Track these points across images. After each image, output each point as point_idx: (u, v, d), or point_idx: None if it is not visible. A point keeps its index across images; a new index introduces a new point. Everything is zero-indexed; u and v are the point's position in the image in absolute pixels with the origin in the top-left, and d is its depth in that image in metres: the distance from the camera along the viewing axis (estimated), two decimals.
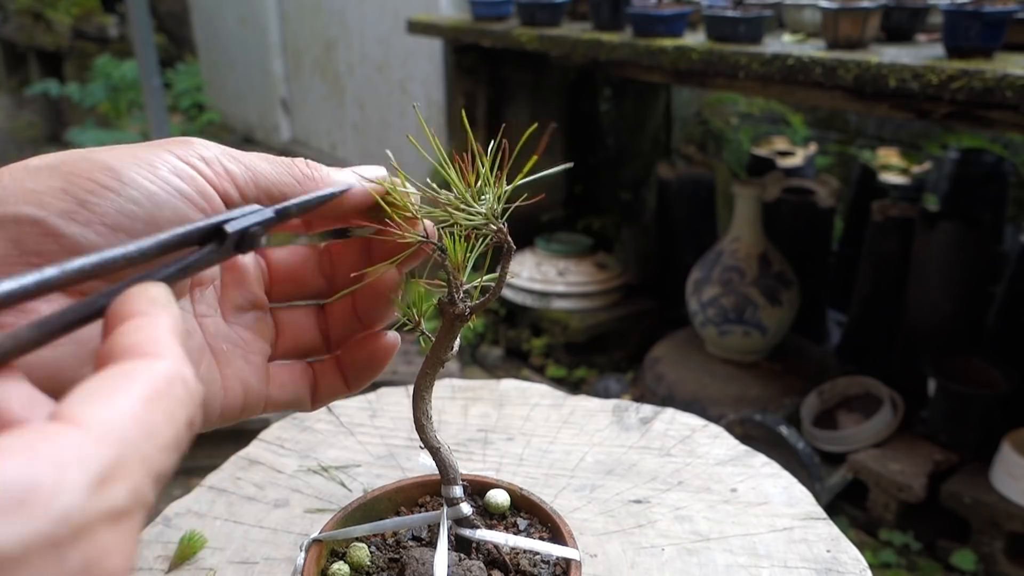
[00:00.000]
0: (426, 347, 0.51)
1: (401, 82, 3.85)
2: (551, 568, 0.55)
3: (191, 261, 0.38)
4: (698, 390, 2.39)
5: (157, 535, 0.72)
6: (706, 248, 2.55)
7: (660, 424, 0.85)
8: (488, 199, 0.45)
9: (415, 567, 0.52)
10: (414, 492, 0.62)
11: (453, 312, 0.49)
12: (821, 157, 3.16)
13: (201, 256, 0.38)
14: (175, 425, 0.27)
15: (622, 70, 2.50)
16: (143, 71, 2.64)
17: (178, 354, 0.29)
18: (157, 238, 0.36)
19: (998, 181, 2.48)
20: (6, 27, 6.53)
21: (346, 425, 0.87)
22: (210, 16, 5.47)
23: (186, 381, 0.28)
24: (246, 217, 0.40)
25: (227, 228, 0.39)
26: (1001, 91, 1.47)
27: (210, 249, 0.39)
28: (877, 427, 2.09)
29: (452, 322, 0.50)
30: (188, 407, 0.28)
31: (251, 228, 0.40)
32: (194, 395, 0.29)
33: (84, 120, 4.85)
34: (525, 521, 0.59)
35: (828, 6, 1.84)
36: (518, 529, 0.58)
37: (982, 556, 1.88)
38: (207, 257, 0.39)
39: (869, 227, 2.40)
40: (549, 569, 0.55)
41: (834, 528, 0.69)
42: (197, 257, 0.38)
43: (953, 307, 2.16)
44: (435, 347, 0.51)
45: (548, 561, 0.56)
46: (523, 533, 0.58)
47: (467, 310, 0.49)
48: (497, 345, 2.97)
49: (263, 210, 0.41)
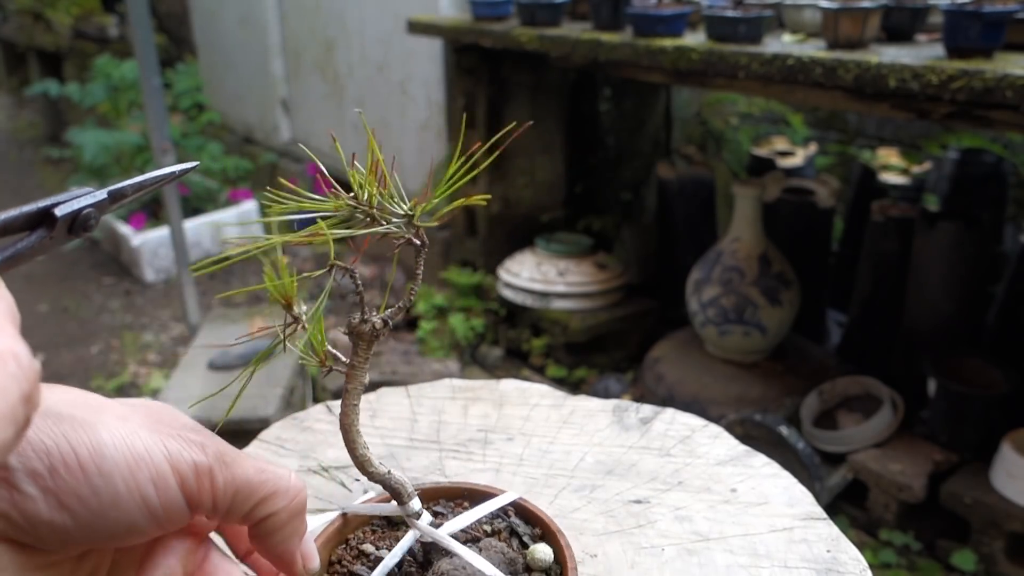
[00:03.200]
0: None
1: (401, 82, 3.85)
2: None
3: (21, 248, 0.37)
4: (698, 390, 2.39)
5: None
6: (706, 248, 2.55)
7: (660, 424, 0.85)
8: (408, 205, 0.45)
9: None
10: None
11: (368, 329, 0.47)
12: (821, 157, 3.16)
13: (31, 242, 0.37)
14: (7, 398, 0.28)
15: (622, 70, 2.50)
16: (143, 71, 2.64)
17: (10, 333, 0.30)
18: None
19: (998, 181, 2.48)
20: (6, 27, 6.53)
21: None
22: (210, 16, 5.47)
23: (18, 356, 0.29)
24: (77, 200, 0.38)
25: (56, 212, 0.37)
26: (1001, 91, 1.47)
27: (40, 234, 0.37)
28: (877, 427, 2.09)
29: (370, 339, 0.48)
30: (22, 383, 0.29)
31: (83, 211, 0.38)
32: (27, 371, 0.29)
33: (84, 120, 4.85)
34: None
35: (828, 6, 1.84)
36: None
37: (982, 556, 1.88)
38: (38, 243, 0.37)
39: (869, 227, 2.40)
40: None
41: (834, 528, 0.69)
42: (27, 243, 0.37)
43: (953, 307, 2.16)
44: (352, 374, 0.49)
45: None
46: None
47: (384, 320, 0.48)
48: (497, 345, 2.97)
49: (95, 192, 0.40)
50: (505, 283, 2.90)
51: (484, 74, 2.84)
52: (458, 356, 2.90)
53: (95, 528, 0.37)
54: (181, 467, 0.39)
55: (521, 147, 2.94)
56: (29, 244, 0.37)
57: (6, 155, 5.96)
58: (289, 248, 0.44)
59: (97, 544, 0.39)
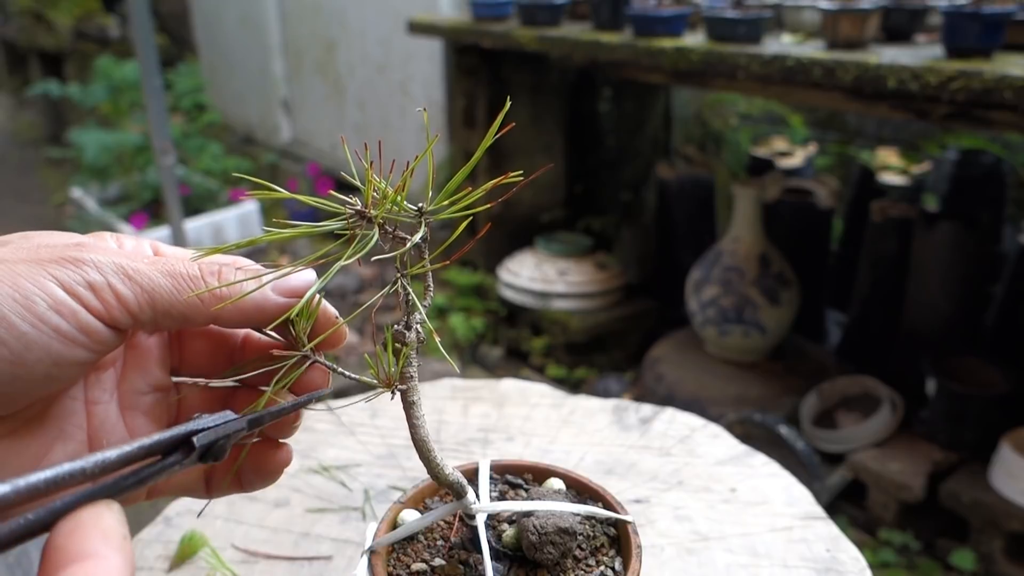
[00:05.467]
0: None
1: (401, 83, 3.85)
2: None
3: (153, 470, 0.36)
4: (698, 390, 2.39)
5: (158, 535, 0.73)
6: (706, 248, 2.55)
7: (660, 424, 0.85)
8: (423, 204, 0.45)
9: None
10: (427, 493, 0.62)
11: (414, 337, 0.47)
12: (820, 157, 3.16)
13: (163, 465, 0.36)
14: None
15: (622, 70, 2.51)
16: (144, 72, 2.64)
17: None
18: (123, 449, 0.34)
19: (997, 181, 2.48)
20: (7, 28, 6.53)
21: (347, 424, 0.87)
22: (211, 17, 5.47)
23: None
24: (216, 428, 0.38)
25: (195, 440, 0.37)
26: (1000, 92, 1.47)
27: (174, 459, 0.37)
28: (876, 427, 2.10)
29: (415, 347, 0.48)
30: None
31: (219, 441, 0.38)
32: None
33: (85, 120, 4.86)
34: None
35: (828, 7, 1.84)
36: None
37: (981, 556, 1.88)
38: (169, 467, 0.37)
39: (868, 227, 2.40)
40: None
41: (833, 528, 0.69)
42: (159, 467, 0.36)
43: (952, 307, 2.16)
44: (412, 386, 0.49)
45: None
46: None
47: (418, 334, 0.48)
48: (497, 345, 2.97)
49: (235, 418, 0.40)
50: (505, 283, 2.90)
51: (484, 74, 2.84)
52: (458, 356, 2.91)
53: (25, 377, 0.37)
54: (76, 290, 0.38)
55: (521, 147, 2.95)
56: (161, 468, 0.36)
57: (7, 156, 5.96)
58: (289, 246, 0.43)
59: (40, 388, 0.38)
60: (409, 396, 0.49)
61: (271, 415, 0.43)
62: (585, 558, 0.54)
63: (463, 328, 2.90)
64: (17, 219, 4.53)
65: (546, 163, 3.02)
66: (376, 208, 0.44)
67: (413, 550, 0.56)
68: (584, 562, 0.54)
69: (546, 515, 0.54)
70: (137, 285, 0.39)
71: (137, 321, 0.40)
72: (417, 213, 0.45)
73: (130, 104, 4.55)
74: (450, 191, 0.45)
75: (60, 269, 0.38)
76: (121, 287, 0.39)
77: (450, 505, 0.55)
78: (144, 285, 0.40)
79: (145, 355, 0.45)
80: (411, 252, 0.45)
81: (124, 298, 0.39)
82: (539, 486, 0.60)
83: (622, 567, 0.54)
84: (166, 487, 0.46)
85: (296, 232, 0.43)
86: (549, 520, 0.53)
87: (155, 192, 4.05)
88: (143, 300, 0.40)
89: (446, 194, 0.45)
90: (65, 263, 0.38)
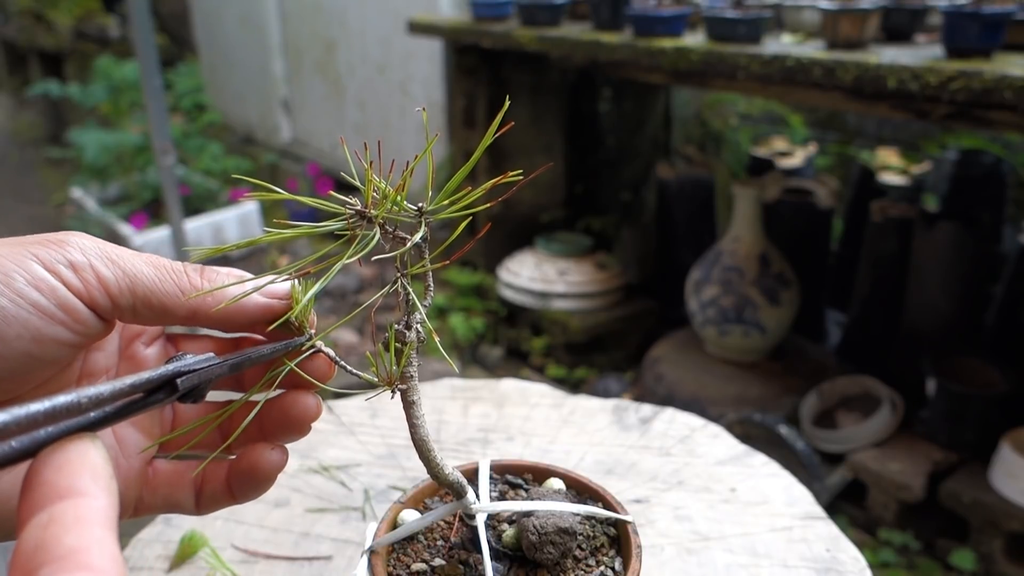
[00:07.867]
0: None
1: (401, 83, 3.85)
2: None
3: (136, 405, 0.37)
4: (698, 390, 2.39)
5: (157, 535, 0.73)
6: (706, 248, 2.55)
7: (660, 424, 0.85)
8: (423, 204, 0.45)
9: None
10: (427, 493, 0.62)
11: (415, 336, 0.47)
12: (820, 157, 3.16)
13: (146, 402, 0.37)
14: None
15: (622, 70, 2.51)
16: (144, 72, 2.64)
17: (112, 555, 0.27)
18: (114, 385, 0.34)
19: (997, 181, 2.48)
20: (7, 28, 6.54)
21: (347, 424, 0.87)
22: (211, 17, 5.47)
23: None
24: (200, 371, 0.39)
25: (179, 382, 0.38)
26: (1000, 92, 1.47)
27: (157, 397, 0.38)
28: (876, 427, 2.10)
29: (415, 347, 0.48)
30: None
31: (201, 384, 0.39)
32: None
33: (85, 120, 4.86)
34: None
35: (828, 7, 1.84)
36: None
37: (981, 556, 1.88)
38: (151, 404, 0.38)
39: (868, 227, 2.40)
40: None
41: (833, 527, 0.69)
42: (142, 402, 0.37)
43: (952, 307, 2.16)
44: (412, 386, 0.49)
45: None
46: None
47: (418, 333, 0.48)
48: (497, 345, 2.97)
49: (217, 361, 0.41)
50: (505, 283, 2.90)
51: (484, 74, 2.84)
52: (458, 356, 2.91)
53: (5, 355, 0.37)
54: (56, 268, 0.38)
55: (521, 147, 2.95)
56: (144, 404, 0.37)
57: (7, 155, 5.96)
58: (289, 246, 0.43)
59: (23, 368, 0.38)
60: (409, 396, 0.49)
61: (251, 360, 0.43)
62: (585, 558, 0.55)
63: (463, 328, 2.90)
64: (17, 219, 4.53)
65: (546, 163, 3.02)
66: (376, 208, 0.44)
67: (413, 550, 0.56)
68: (584, 562, 0.54)
69: (546, 515, 0.54)
70: (119, 268, 0.40)
71: (116, 306, 0.40)
72: (417, 213, 0.45)
73: (130, 104, 4.55)
74: (450, 191, 0.45)
75: (42, 249, 0.39)
76: (103, 269, 0.40)
77: (450, 505, 0.55)
78: (126, 270, 0.40)
79: (141, 366, 0.46)
80: (411, 252, 0.45)
81: (105, 279, 0.39)
82: (539, 486, 0.60)
83: (622, 567, 0.54)
84: (153, 502, 0.46)
85: (296, 232, 0.43)
86: (549, 520, 0.53)
87: (155, 192, 4.05)
88: (124, 284, 0.40)
89: (446, 194, 0.45)
90: (48, 243, 0.39)
